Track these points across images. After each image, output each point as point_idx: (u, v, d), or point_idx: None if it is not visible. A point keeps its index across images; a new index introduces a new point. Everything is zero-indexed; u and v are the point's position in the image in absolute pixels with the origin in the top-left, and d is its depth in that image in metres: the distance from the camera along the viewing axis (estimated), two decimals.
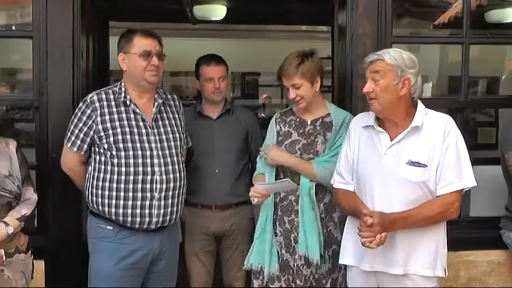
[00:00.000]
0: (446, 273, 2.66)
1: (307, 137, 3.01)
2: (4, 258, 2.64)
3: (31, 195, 2.80)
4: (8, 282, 2.67)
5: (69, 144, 2.87)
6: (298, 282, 2.97)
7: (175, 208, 2.88)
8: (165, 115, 2.95)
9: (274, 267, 2.98)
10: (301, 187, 2.94)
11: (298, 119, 3.07)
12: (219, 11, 5.99)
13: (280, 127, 3.10)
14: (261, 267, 3.00)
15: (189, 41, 8.53)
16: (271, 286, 3.01)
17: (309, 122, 3.04)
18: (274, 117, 3.15)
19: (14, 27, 4.79)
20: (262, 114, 8.62)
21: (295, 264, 2.97)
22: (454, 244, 2.70)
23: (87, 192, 2.89)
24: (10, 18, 4.69)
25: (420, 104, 2.65)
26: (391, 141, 2.60)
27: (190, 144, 3.16)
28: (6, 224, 2.63)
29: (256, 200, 2.89)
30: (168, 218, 2.85)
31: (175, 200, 2.87)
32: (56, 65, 3.18)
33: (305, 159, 2.97)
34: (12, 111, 5.06)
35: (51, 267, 3.24)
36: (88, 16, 3.22)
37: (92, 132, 2.81)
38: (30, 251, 2.83)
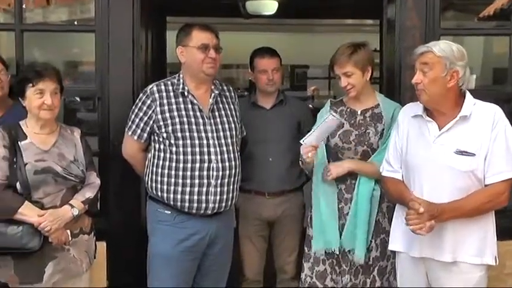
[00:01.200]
0: (497, 261, 2.60)
1: (358, 127, 2.98)
2: (70, 239, 2.72)
3: (94, 179, 2.86)
4: (72, 260, 2.76)
5: (129, 133, 2.94)
6: (343, 266, 2.97)
7: (230, 195, 2.91)
8: (221, 106, 2.98)
9: (320, 250, 2.99)
10: (360, 190, 2.93)
11: (348, 109, 3.04)
12: (270, 6, 6.01)
13: None
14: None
15: (240, 35, 8.58)
16: (316, 268, 3.03)
17: (359, 112, 3.02)
18: (325, 107, 3.13)
19: (76, 23, 4.90)
20: (311, 106, 8.61)
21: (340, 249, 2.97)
22: (500, 233, 2.64)
23: (146, 178, 2.96)
24: (71, 15, 4.80)
25: (468, 94, 2.60)
26: (440, 130, 2.56)
27: (245, 133, 3.18)
28: (72, 206, 2.70)
29: (310, 154, 2.82)
30: (223, 204, 2.89)
31: (231, 187, 2.90)
32: (117, 57, 3.24)
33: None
34: (75, 102, 5.19)
35: (112, 248, 3.32)
36: (147, 12, 3.27)
37: (151, 122, 2.87)
38: (93, 233, 2.91)
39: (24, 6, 3.79)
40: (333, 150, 3.03)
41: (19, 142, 2.68)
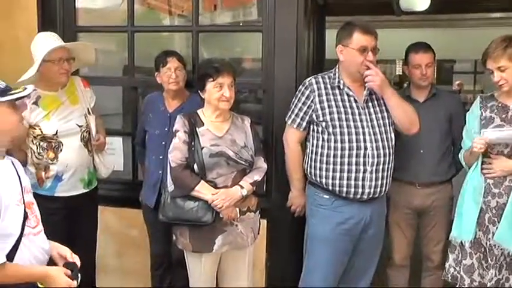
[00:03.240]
0: None
1: (509, 122, 2.79)
2: (238, 215, 2.83)
3: (262, 164, 2.94)
4: (239, 235, 2.86)
5: (289, 122, 2.99)
6: (489, 261, 2.80)
7: (384, 181, 2.87)
8: (374, 97, 2.93)
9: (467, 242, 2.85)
10: None
11: (499, 104, 2.85)
12: (423, 2, 5.80)
13: (482, 112, 2.89)
14: (461, 242, 2.89)
15: (390, 31, 8.38)
16: (463, 261, 2.88)
17: (511, 107, 2.82)
18: (475, 102, 2.95)
19: (241, 24, 5.06)
20: None
21: (488, 244, 2.80)
22: None
23: (306, 165, 3.00)
24: (234, 17, 4.97)
25: None
26: None
27: None
28: (241, 187, 2.80)
29: (479, 146, 2.70)
30: (378, 189, 2.86)
31: (385, 174, 2.86)
32: (282, 54, 3.29)
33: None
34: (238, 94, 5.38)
35: (273, 226, 3.40)
36: (309, 12, 3.29)
37: (310, 111, 2.90)
38: (258, 211, 2.99)
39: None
40: None
41: (197, 128, 2.83)
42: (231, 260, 2.95)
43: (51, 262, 2.21)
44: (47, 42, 3.00)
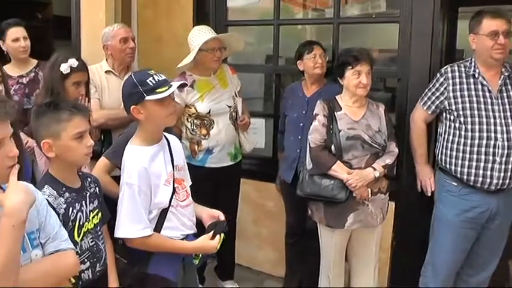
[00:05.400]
0: None
1: None
2: (370, 196, 2.79)
3: (394, 148, 2.88)
4: (370, 214, 2.83)
5: (421, 103, 2.93)
6: None
7: None
8: (509, 87, 2.75)
9: None
10: None
11: None
12: None
13: None
14: None
15: None
16: None
17: None
18: None
19: (373, 16, 4.96)
20: None
21: None
22: None
23: (437, 150, 2.90)
24: (362, 10, 4.86)
25: None
26: None
27: None
28: (374, 169, 2.77)
29: None
30: (506, 181, 2.68)
31: None
32: (417, 44, 3.18)
33: None
34: None
35: (400, 209, 3.32)
36: (443, 4, 3.16)
37: (442, 98, 2.82)
38: (387, 193, 2.93)
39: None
40: None
41: (335, 113, 2.83)
42: (360, 237, 2.93)
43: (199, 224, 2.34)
44: (203, 34, 3.16)
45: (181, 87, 2.28)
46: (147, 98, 2.06)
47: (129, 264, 2.15)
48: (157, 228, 2.14)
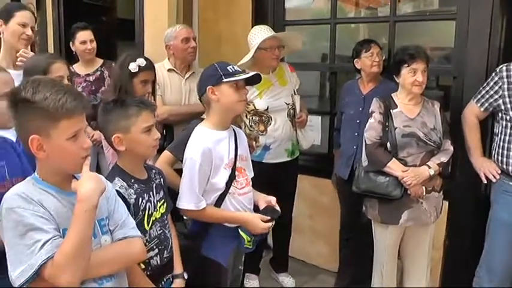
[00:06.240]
0: None
1: None
2: (424, 194, 2.76)
3: (449, 146, 2.83)
4: (424, 212, 2.80)
5: (474, 100, 2.88)
6: None
7: None
8: None
9: None
10: None
11: None
12: None
13: None
14: None
15: None
16: None
17: None
18: None
19: (428, 14, 4.88)
20: None
21: None
22: None
23: (493, 151, 2.83)
24: (414, 8, 4.80)
25: None
26: None
27: None
28: (429, 167, 2.73)
29: None
30: None
31: None
32: (475, 42, 3.10)
33: None
34: None
35: (454, 207, 3.25)
36: (502, 1, 3.06)
37: (496, 96, 2.77)
38: (441, 192, 2.89)
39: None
40: None
41: (391, 110, 2.81)
42: (413, 235, 2.90)
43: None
44: (262, 32, 3.21)
45: (258, 78, 2.32)
46: (225, 80, 2.18)
47: (186, 246, 2.25)
48: None
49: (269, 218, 2.27)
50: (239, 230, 2.29)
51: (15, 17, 2.74)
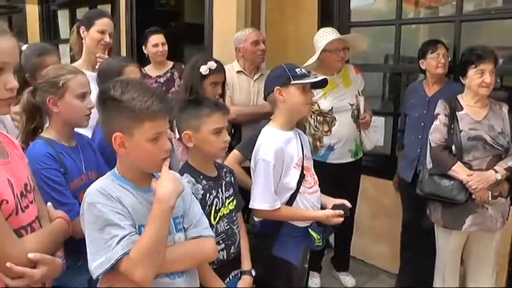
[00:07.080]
0: None
1: None
2: (490, 199, 2.68)
3: None
4: (489, 218, 2.71)
5: None
6: None
7: None
8: None
9: None
10: None
11: None
12: None
13: None
14: None
15: None
16: None
17: None
18: None
19: (492, 12, 4.71)
20: None
21: None
22: None
23: None
24: (476, 6, 4.64)
25: None
26: None
27: None
28: (496, 172, 2.65)
29: None
30: None
31: None
32: None
33: None
34: None
35: None
36: None
37: None
38: (509, 197, 2.79)
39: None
40: None
41: (457, 112, 2.75)
42: (477, 241, 2.83)
43: None
44: (327, 35, 3.23)
45: (324, 83, 2.33)
46: (293, 82, 2.21)
47: (256, 245, 2.28)
48: None
49: (342, 212, 2.29)
50: (309, 229, 2.31)
51: (95, 25, 2.89)
